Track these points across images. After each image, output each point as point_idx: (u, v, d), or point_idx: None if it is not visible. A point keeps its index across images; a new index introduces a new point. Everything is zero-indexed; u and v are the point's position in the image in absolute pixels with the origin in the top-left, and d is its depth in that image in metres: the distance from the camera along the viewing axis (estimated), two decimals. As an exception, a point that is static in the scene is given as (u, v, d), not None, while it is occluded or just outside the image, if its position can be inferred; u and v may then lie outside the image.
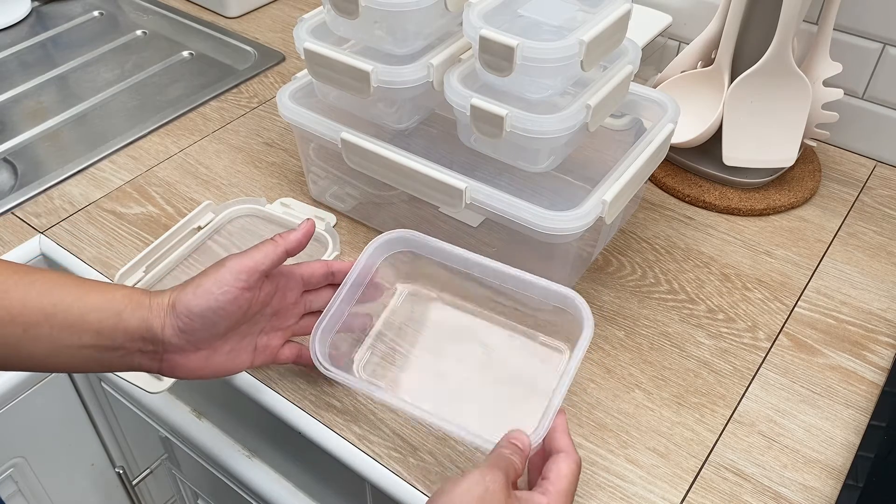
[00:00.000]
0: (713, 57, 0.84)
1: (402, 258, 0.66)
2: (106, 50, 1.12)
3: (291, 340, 0.63)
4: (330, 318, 0.60)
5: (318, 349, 0.58)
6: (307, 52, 0.70)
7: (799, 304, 0.75)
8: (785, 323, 0.73)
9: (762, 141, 0.82)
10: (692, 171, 0.87)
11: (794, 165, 0.87)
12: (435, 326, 0.67)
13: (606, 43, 0.65)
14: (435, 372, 0.65)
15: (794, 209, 0.85)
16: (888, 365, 0.69)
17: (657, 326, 0.72)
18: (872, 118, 0.89)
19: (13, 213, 0.85)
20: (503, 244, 0.72)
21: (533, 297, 0.62)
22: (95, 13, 1.20)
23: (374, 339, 0.67)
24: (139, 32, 1.16)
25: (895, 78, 0.86)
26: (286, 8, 1.18)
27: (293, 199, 0.84)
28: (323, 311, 0.60)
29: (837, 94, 0.83)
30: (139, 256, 0.74)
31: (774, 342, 0.71)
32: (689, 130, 0.83)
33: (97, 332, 0.51)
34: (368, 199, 0.80)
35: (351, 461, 0.63)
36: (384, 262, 0.65)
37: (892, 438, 0.62)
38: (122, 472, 0.97)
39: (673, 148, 0.84)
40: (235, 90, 1.01)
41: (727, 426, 0.65)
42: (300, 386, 0.67)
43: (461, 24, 0.65)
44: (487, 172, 0.76)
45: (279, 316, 0.61)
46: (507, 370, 0.64)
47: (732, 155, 0.83)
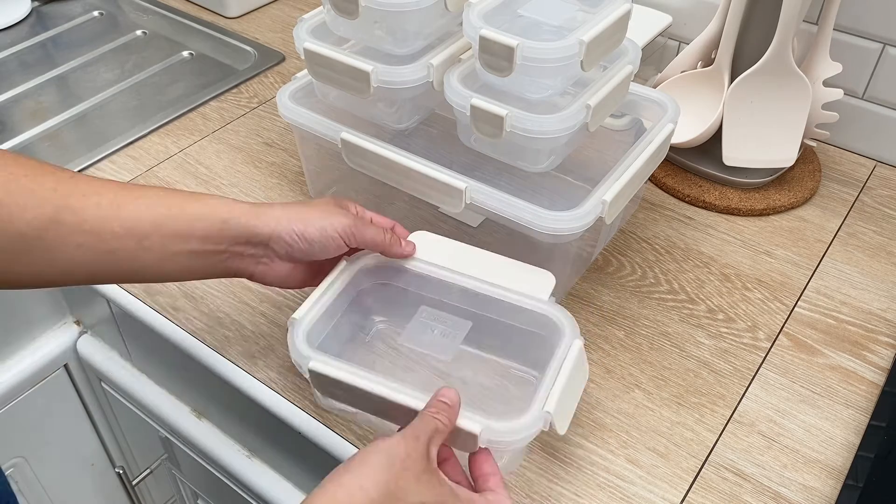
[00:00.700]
0: (713, 57, 0.84)
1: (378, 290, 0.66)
2: (106, 50, 1.12)
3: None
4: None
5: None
6: (307, 52, 0.70)
7: (799, 304, 0.75)
8: (785, 323, 0.73)
9: (762, 141, 0.82)
10: (692, 171, 0.87)
11: (794, 165, 0.87)
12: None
13: (606, 43, 0.65)
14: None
15: (794, 209, 0.85)
16: (888, 365, 0.69)
17: (657, 326, 0.72)
18: (872, 118, 0.89)
19: (13, 213, 0.85)
20: (503, 244, 0.72)
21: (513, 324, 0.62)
22: (95, 13, 1.20)
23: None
24: (139, 32, 1.16)
25: (895, 78, 0.86)
26: (286, 8, 1.18)
27: (293, 199, 0.84)
28: None
29: (837, 94, 0.83)
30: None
31: (774, 342, 0.71)
32: (689, 130, 0.83)
33: (204, 237, 0.56)
34: (369, 199, 0.80)
35: (351, 461, 0.63)
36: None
37: (892, 438, 0.62)
38: (122, 472, 0.97)
39: (673, 148, 0.84)
40: (235, 90, 1.01)
41: (727, 426, 0.65)
42: (300, 386, 0.67)
43: (461, 24, 0.65)
44: (487, 172, 0.75)
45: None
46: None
47: (732, 155, 0.83)
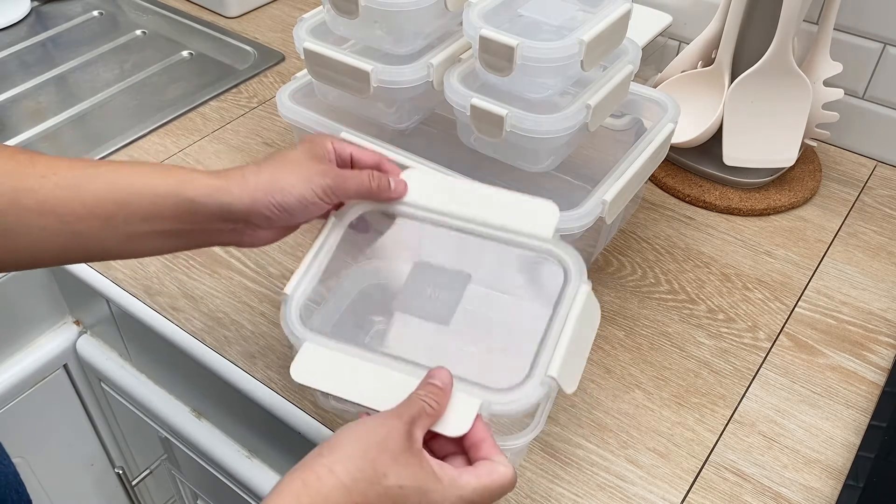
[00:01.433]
0: (713, 57, 0.84)
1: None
2: (105, 50, 1.12)
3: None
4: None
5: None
6: (307, 51, 0.69)
7: (799, 304, 0.75)
8: (785, 323, 0.73)
9: (762, 141, 0.82)
10: (692, 171, 0.87)
11: (794, 165, 0.87)
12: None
13: (606, 43, 0.65)
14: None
15: (794, 209, 0.85)
16: (888, 365, 0.69)
17: (657, 326, 0.72)
18: (873, 118, 0.89)
19: (13, 213, 0.84)
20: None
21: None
22: (95, 13, 1.20)
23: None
24: (139, 32, 1.16)
25: (895, 78, 0.86)
26: (286, 8, 1.18)
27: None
28: None
29: (838, 94, 0.82)
30: (139, 256, 0.74)
31: (775, 342, 0.71)
32: (689, 130, 0.83)
33: (173, 217, 0.52)
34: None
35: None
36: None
37: (892, 439, 0.62)
38: (121, 472, 0.97)
39: (673, 148, 0.84)
40: (235, 90, 1.01)
41: (727, 426, 0.65)
42: (300, 385, 0.67)
43: (461, 23, 0.65)
44: (487, 172, 0.75)
45: None
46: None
47: (733, 155, 0.83)
